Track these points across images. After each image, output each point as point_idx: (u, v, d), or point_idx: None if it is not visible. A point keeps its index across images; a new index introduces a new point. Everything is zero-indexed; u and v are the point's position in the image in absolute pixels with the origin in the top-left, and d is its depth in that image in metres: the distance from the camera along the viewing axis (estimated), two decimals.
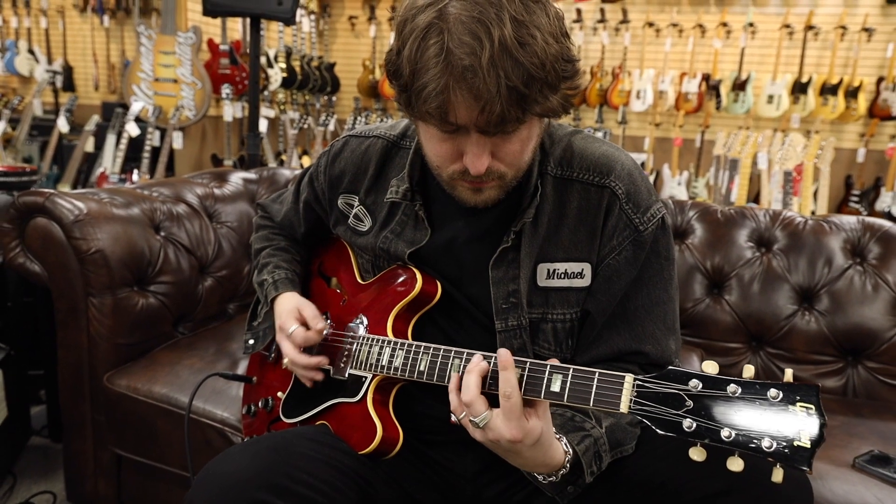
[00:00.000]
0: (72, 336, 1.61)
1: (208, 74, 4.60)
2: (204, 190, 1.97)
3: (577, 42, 5.29)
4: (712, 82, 5.04)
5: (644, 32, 5.17)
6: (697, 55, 5.10)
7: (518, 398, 0.87)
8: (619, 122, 5.17)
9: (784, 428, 0.73)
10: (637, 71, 5.18)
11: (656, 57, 5.19)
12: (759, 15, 4.98)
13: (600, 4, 5.20)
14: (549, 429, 0.91)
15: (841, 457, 1.34)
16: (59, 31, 5.81)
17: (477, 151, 0.94)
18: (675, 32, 5.15)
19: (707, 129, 5.15)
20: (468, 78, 0.85)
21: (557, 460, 0.93)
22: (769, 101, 4.95)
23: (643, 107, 5.14)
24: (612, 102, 5.22)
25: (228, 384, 1.51)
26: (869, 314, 1.72)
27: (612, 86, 5.24)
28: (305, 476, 0.96)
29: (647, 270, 1.10)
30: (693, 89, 5.06)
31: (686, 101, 5.09)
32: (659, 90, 5.13)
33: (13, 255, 1.61)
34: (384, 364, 1.09)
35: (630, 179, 1.09)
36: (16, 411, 1.94)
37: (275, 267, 1.33)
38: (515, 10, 0.86)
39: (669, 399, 0.79)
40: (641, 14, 5.20)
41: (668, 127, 5.27)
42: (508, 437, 0.86)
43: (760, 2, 5.01)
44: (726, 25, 5.03)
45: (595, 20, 5.28)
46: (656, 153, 5.31)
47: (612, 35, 5.30)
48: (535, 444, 0.88)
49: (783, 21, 4.87)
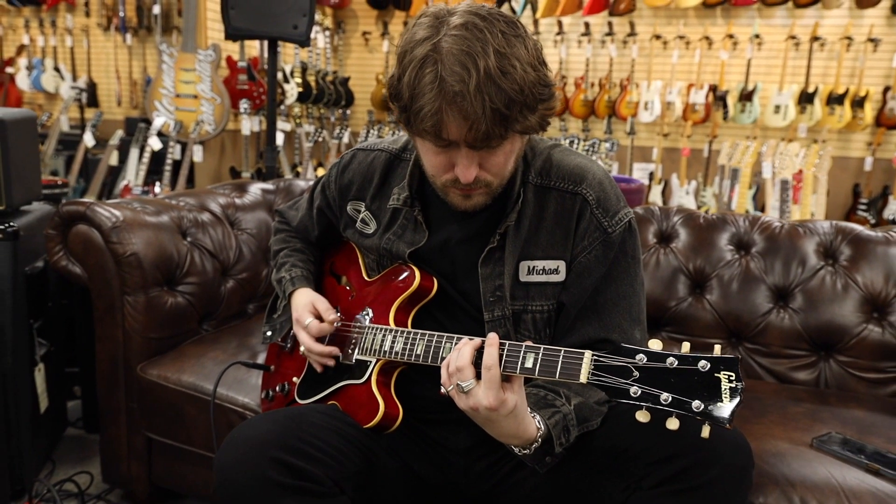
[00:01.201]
0: (109, 331, 1.79)
1: (227, 90, 4.80)
2: (226, 199, 2.15)
3: (585, 55, 5.43)
4: (719, 93, 5.14)
5: (651, 45, 5.30)
6: (704, 66, 5.22)
7: (497, 371, 1.02)
8: (627, 133, 5.28)
9: (710, 392, 0.88)
10: (645, 82, 5.29)
11: (664, 68, 5.31)
12: (764, 27, 5.08)
13: (608, 17, 5.34)
14: (523, 403, 1.06)
15: (801, 438, 1.47)
16: (84, 50, 6.03)
17: (466, 163, 1.10)
18: (682, 44, 5.27)
19: (715, 139, 5.25)
20: (458, 101, 1.01)
21: (530, 433, 1.08)
22: (776, 111, 5.05)
23: (651, 118, 5.26)
24: (620, 114, 5.35)
25: (249, 373, 1.67)
26: (839, 311, 1.85)
27: (620, 97, 5.36)
28: (316, 441, 1.12)
29: (616, 268, 1.25)
30: (700, 100, 5.18)
31: (693, 112, 5.20)
32: (666, 101, 5.25)
33: (57, 258, 1.80)
34: (386, 349, 1.24)
35: (600, 188, 1.25)
36: (54, 403, 2.12)
37: (291, 266, 1.49)
38: (498, 44, 1.02)
39: (620, 370, 0.94)
40: (649, 27, 5.32)
41: (676, 137, 5.37)
42: (486, 405, 1.02)
43: (766, 14, 5.11)
44: (732, 37, 5.14)
45: (603, 33, 5.41)
46: (665, 163, 5.41)
47: (620, 47, 5.43)
48: (510, 415, 1.04)
49: (789, 32, 4.97)
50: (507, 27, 1.05)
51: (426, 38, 1.05)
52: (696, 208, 5.16)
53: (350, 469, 1.15)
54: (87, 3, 5.97)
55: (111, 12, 5.84)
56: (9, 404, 1.78)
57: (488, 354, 1.03)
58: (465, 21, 1.03)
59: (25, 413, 1.87)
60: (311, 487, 1.08)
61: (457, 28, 1.03)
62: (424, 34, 1.05)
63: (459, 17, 1.04)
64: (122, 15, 5.73)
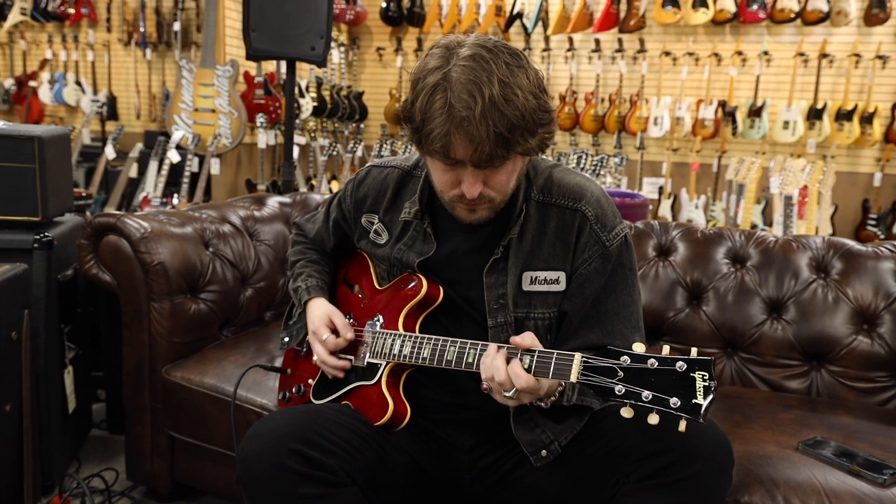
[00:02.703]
0: (136, 335, 1.90)
1: (244, 104, 4.93)
2: (245, 212, 2.26)
3: (596, 71, 5.52)
4: (728, 109, 5.22)
5: (661, 61, 5.39)
6: (713, 82, 5.29)
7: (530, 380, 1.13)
8: (637, 148, 5.37)
9: (686, 390, 0.97)
10: (654, 98, 5.38)
11: (673, 84, 5.40)
12: (773, 43, 5.16)
13: (618, 34, 5.44)
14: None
15: (788, 442, 1.55)
16: (105, 64, 6.19)
17: (471, 181, 1.21)
18: (691, 61, 5.36)
19: (724, 154, 5.32)
20: (465, 126, 1.12)
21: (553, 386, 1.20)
22: (785, 127, 5.12)
23: (660, 133, 5.34)
24: (630, 129, 5.43)
25: (267, 376, 1.77)
26: (830, 323, 1.93)
27: (630, 112, 5.45)
28: (331, 434, 1.22)
29: (615, 279, 1.34)
30: (709, 115, 5.26)
31: (703, 127, 5.28)
32: (676, 116, 5.33)
33: (89, 266, 1.91)
34: (395, 353, 1.34)
35: (598, 205, 1.35)
36: (81, 405, 2.23)
37: (307, 276, 1.59)
38: (503, 74, 1.13)
39: (606, 371, 1.04)
40: (658, 43, 5.41)
41: (686, 152, 5.45)
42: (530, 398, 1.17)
43: (775, 31, 5.19)
44: (741, 54, 5.23)
45: (613, 49, 5.51)
46: (674, 178, 5.48)
47: (630, 63, 5.52)
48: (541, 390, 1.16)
49: (797, 49, 5.05)
50: (512, 58, 1.16)
51: (437, 67, 1.16)
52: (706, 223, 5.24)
53: (361, 462, 1.25)
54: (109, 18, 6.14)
55: (132, 28, 6.01)
56: (40, 404, 1.89)
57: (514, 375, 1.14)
58: (472, 53, 1.14)
59: (55, 413, 1.98)
60: (326, 477, 1.18)
61: (465, 59, 1.14)
62: (436, 64, 1.16)
63: (468, 49, 1.15)
64: (142, 30, 5.89)
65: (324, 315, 1.47)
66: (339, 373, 1.43)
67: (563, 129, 5.63)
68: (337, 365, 1.42)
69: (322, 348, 1.43)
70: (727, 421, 1.67)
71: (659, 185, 5.47)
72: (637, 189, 5.47)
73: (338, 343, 1.43)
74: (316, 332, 1.45)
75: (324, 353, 1.43)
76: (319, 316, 1.48)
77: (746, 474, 1.43)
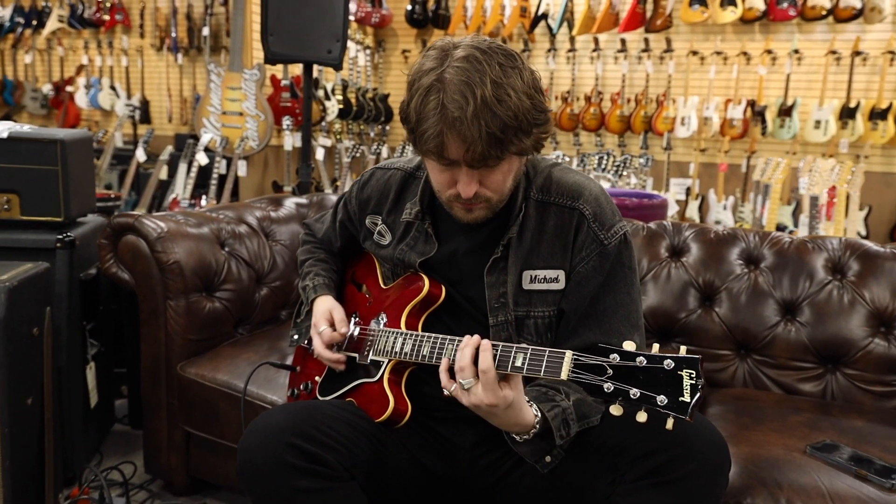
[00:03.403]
0: (152, 332, 1.95)
1: (271, 107, 5.00)
2: (262, 213, 2.31)
3: (622, 71, 5.48)
4: (758, 108, 5.12)
5: (688, 60, 5.31)
6: (742, 82, 5.20)
7: (493, 373, 1.13)
8: (664, 148, 5.32)
9: (673, 388, 0.97)
10: (682, 98, 5.31)
11: (701, 84, 5.33)
12: (804, 42, 5.06)
13: (644, 34, 5.40)
14: (520, 396, 1.17)
15: (796, 445, 1.54)
16: (138, 69, 6.33)
17: (466, 180, 1.22)
18: (719, 60, 5.28)
19: (753, 154, 5.24)
20: (457, 126, 1.13)
21: (528, 421, 1.18)
22: (816, 127, 5.02)
23: (688, 133, 5.27)
24: (656, 129, 5.37)
25: (278, 373, 1.81)
26: (846, 325, 1.90)
27: (656, 113, 5.40)
28: (330, 430, 1.24)
29: (613, 277, 1.34)
30: (738, 115, 5.17)
31: (731, 127, 5.20)
32: (704, 116, 5.27)
33: (108, 265, 1.97)
34: (397, 350, 1.36)
35: (596, 203, 1.35)
36: (103, 400, 2.29)
37: (315, 275, 1.62)
38: (496, 75, 1.14)
39: (596, 368, 1.04)
40: (685, 43, 5.34)
41: (714, 153, 5.37)
42: (487, 402, 1.13)
43: (806, 29, 5.09)
44: (771, 52, 5.13)
45: (639, 49, 5.45)
46: (702, 178, 5.41)
47: (657, 63, 5.46)
48: (509, 408, 1.14)
49: (829, 47, 4.94)
50: (505, 59, 1.17)
51: (432, 68, 1.18)
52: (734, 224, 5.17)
53: (360, 457, 1.27)
54: (142, 24, 6.28)
55: (164, 33, 6.14)
56: (63, 398, 1.95)
57: (483, 359, 1.14)
58: (466, 54, 1.16)
59: (77, 407, 2.05)
60: (323, 471, 1.20)
61: (459, 60, 1.15)
62: (431, 65, 1.18)
63: (462, 51, 1.17)
64: (174, 36, 6.02)
65: (325, 310, 1.50)
66: (337, 365, 1.45)
67: (589, 129, 5.60)
68: (332, 358, 1.44)
69: (319, 341, 1.46)
70: (735, 423, 1.66)
71: (686, 186, 5.41)
72: (664, 190, 5.42)
73: (332, 336, 1.45)
74: (315, 325, 1.48)
75: (320, 346, 1.45)
76: (321, 311, 1.51)
77: (750, 477, 1.43)
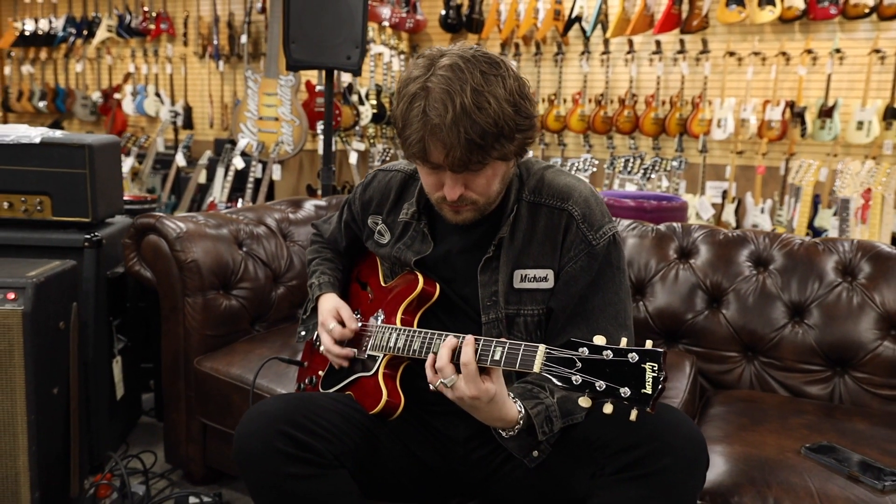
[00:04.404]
0: (172, 328, 2.04)
1: (305, 113, 5.13)
2: (281, 215, 2.39)
3: (656, 73, 5.43)
4: (797, 109, 5.01)
5: (725, 62, 5.23)
6: (781, 83, 5.10)
7: (473, 366, 1.17)
8: (699, 151, 5.26)
9: (637, 380, 1.00)
10: (718, 100, 5.24)
11: (738, 85, 5.24)
12: (846, 40, 4.94)
13: (679, 35, 5.34)
14: (502, 390, 1.20)
15: (792, 446, 1.53)
16: (182, 76, 6.56)
17: (451, 184, 1.27)
18: (757, 61, 5.19)
19: (792, 156, 5.14)
20: (437, 132, 1.18)
21: (512, 416, 1.22)
22: (859, 128, 4.90)
23: (724, 135, 5.19)
24: (692, 131, 5.31)
25: (289, 368, 1.88)
26: (854, 328, 1.88)
27: (692, 115, 5.34)
28: (321, 420, 1.30)
29: (602, 277, 1.37)
30: (776, 117, 5.07)
31: (769, 129, 5.11)
32: (741, 118, 5.19)
33: (132, 263, 2.08)
34: (391, 345, 1.41)
35: (586, 204, 1.38)
36: (130, 393, 2.40)
37: (321, 273, 1.68)
38: (476, 83, 1.19)
39: (566, 362, 1.07)
40: (722, 43, 5.26)
41: (751, 155, 5.28)
42: (469, 395, 1.17)
43: (848, 27, 4.97)
44: (811, 52, 5.02)
45: (675, 51, 5.39)
46: (739, 181, 5.32)
47: (693, 65, 5.39)
48: (491, 402, 1.18)
49: (873, 46, 4.81)
50: (488, 67, 1.21)
51: (418, 76, 1.23)
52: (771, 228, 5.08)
53: (350, 446, 1.32)
54: (186, 33, 6.50)
55: (206, 41, 6.34)
56: (89, 389, 2.06)
57: (464, 353, 1.18)
58: (451, 63, 1.21)
59: (104, 398, 2.15)
60: (313, 458, 1.26)
61: (443, 69, 1.20)
62: (418, 73, 1.24)
63: (447, 59, 1.22)
64: (215, 44, 6.21)
65: (332, 308, 1.56)
66: (343, 361, 1.51)
67: (623, 132, 5.58)
68: (340, 353, 1.50)
69: (328, 338, 1.52)
70: (734, 423, 1.66)
71: (723, 189, 5.34)
72: (699, 193, 5.37)
73: (343, 333, 1.51)
74: (324, 322, 1.54)
75: (329, 342, 1.51)
76: (328, 309, 1.57)
77: (740, 475, 1.43)
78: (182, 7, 6.52)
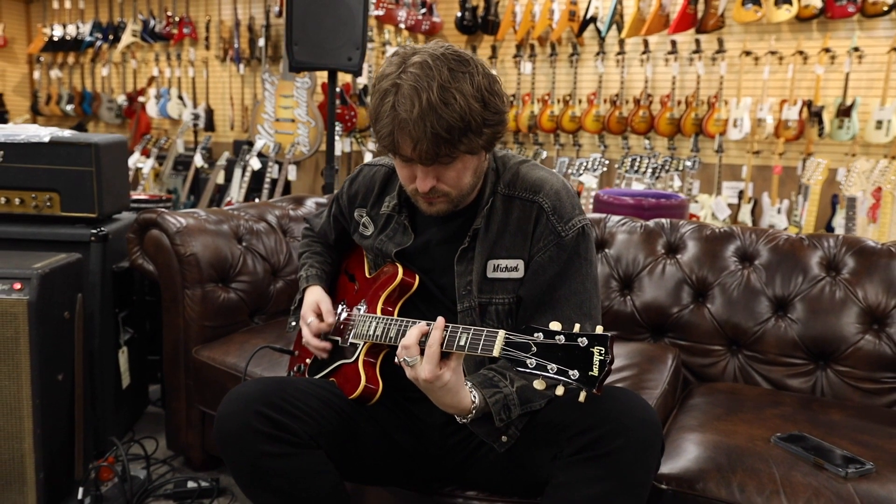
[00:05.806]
0: (172, 319, 2.13)
1: (321, 114, 5.23)
2: (281, 212, 2.47)
3: (672, 73, 5.42)
4: (814, 109, 4.97)
5: (741, 61, 5.20)
6: (798, 82, 5.06)
7: (437, 349, 1.22)
8: (715, 151, 5.24)
9: (585, 364, 1.05)
10: (734, 99, 5.21)
11: (754, 85, 5.21)
12: (865, 39, 4.88)
13: (695, 35, 5.33)
14: (456, 380, 1.25)
15: (763, 435, 1.56)
16: (203, 79, 6.70)
17: (422, 176, 1.33)
18: (774, 60, 5.15)
19: (809, 156, 5.09)
20: (404, 126, 1.25)
21: (465, 405, 1.27)
22: (878, 127, 4.84)
23: (740, 135, 5.16)
24: (707, 131, 5.29)
25: (282, 357, 1.95)
26: (837, 322, 1.90)
27: (707, 115, 5.32)
28: (297, 402, 1.36)
29: (570, 268, 1.42)
30: (793, 116, 5.03)
31: (786, 129, 5.07)
32: (757, 118, 5.16)
33: (135, 256, 2.17)
34: (370, 334, 1.47)
35: (556, 197, 1.43)
36: (137, 383, 2.50)
37: (309, 266, 1.75)
38: (444, 79, 1.25)
39: (522, 346, 1.12)
40: (738, 43, 5.23)
41: (768, 155, 5.24)
42: (424, 377, 1.22)
43: (867, 25, 4.91)
44: (829, 51, 4.97)
45: (690, 51, 5.36)
46: (756, 181, 5.28)
47: (708, 64, 5.36)
48: (443, 388, 1.23)
49: (892, 44, 4.75)
50: (457, 65, 1.27)
51: (390, 74, 1.29)
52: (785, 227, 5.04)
53: (326, 428, 1.38)
54: (208, 37, 6.64)
55: (227, 45, 6.48)
56: (94, 377, 2.15)
57: (432, 336, 1.24)
58: (421, 60, 1.27)
59: (109, 387, 2.25)
60: (288, 438, 1.32)
61: (413, 66, 1.26)
62: (391, 71, 1.30)
63: (418, 57, 1.28)
64: (236, 47, 6.34)
65: (313, 302, 1.63)
66: (322, 353, 1.58)
67: (638, 132, 5.57)
68: (318, 346, 1.57)
69: (307, 331, 1.59)
70: (709, 413, 1.70)
71: (739, 190, 5.31)
72: (714, 193, 5.35)
73: (319, 327, 1.57)
74: (304, 316, 1.61)
75: (308, 335, 1.58)
76: (309, 302, 1.63)
77: (707, 462, 1.46)
78: (204, 11, 6.67)
